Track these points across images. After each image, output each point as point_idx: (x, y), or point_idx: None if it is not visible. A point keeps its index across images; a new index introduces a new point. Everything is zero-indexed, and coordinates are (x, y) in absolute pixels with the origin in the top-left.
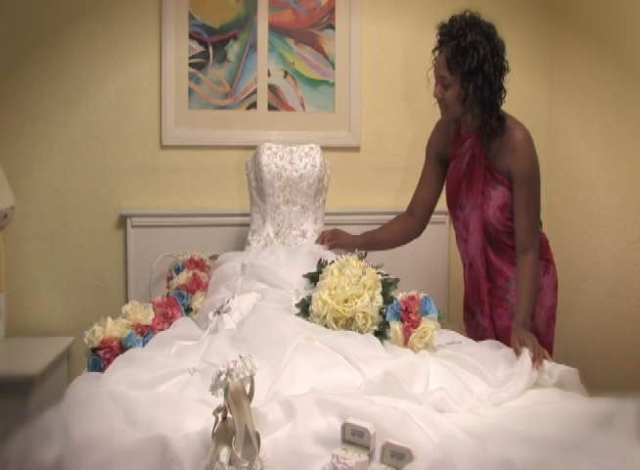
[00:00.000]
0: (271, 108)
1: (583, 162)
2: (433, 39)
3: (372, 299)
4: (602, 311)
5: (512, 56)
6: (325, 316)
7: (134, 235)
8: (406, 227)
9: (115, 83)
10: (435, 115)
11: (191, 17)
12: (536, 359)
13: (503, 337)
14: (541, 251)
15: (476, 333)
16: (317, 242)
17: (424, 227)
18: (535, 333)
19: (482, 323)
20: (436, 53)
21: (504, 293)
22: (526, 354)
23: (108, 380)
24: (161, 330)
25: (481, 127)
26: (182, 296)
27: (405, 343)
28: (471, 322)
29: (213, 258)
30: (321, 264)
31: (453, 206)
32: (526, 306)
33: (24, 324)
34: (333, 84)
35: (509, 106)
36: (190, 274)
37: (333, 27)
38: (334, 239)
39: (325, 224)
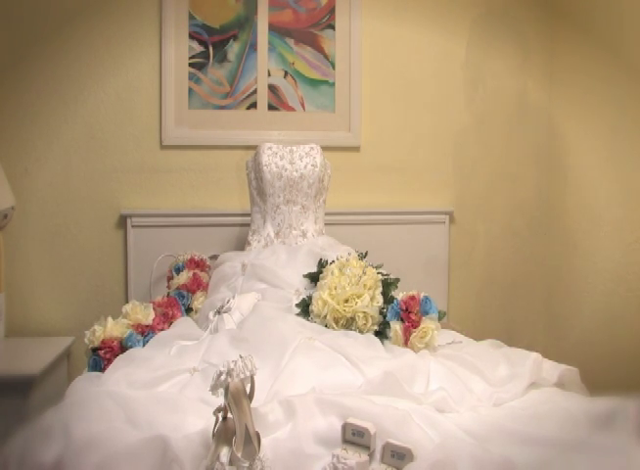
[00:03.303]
0: (271, 108)
1: (583, 161)
2: (433, 39)
3: (372, 299)
4: (602, 311)
5: (512, 56)
6: (325, 316)
7: (134, 235)
8: None
9: (115, 83)
10: (435, 114)
11: (191, 17)
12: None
13: None
14: None
15: None
16: None
17: None
18: None
19: None
20: None
21: None
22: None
23: (108, 380)
24: (162, 330)
25: None
26: (182, 296)
27: (405, 343)
28: None
29: (213, 258)
30: (321, 264)
31: None
32: None
33: (24, 324)
34: (333, 84)
35: (509, 106)
36: (190, 274)
37: (333, 27)
38: None
39: (325, 224)
